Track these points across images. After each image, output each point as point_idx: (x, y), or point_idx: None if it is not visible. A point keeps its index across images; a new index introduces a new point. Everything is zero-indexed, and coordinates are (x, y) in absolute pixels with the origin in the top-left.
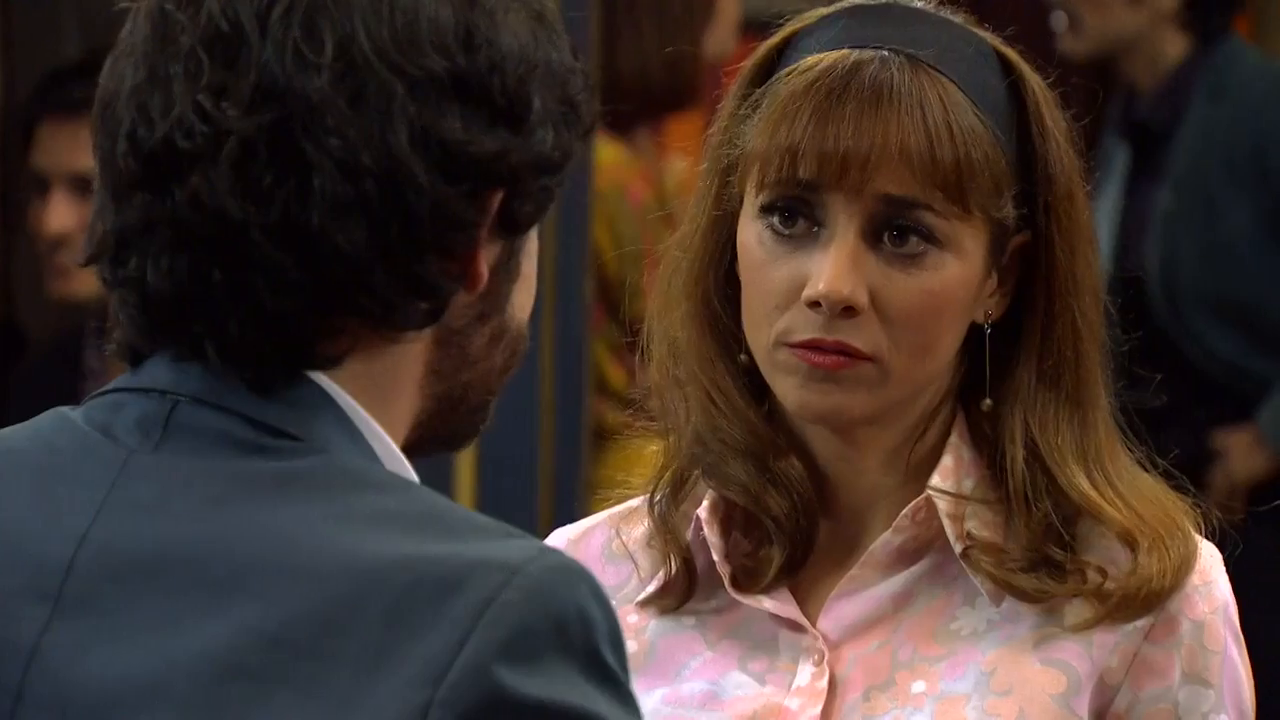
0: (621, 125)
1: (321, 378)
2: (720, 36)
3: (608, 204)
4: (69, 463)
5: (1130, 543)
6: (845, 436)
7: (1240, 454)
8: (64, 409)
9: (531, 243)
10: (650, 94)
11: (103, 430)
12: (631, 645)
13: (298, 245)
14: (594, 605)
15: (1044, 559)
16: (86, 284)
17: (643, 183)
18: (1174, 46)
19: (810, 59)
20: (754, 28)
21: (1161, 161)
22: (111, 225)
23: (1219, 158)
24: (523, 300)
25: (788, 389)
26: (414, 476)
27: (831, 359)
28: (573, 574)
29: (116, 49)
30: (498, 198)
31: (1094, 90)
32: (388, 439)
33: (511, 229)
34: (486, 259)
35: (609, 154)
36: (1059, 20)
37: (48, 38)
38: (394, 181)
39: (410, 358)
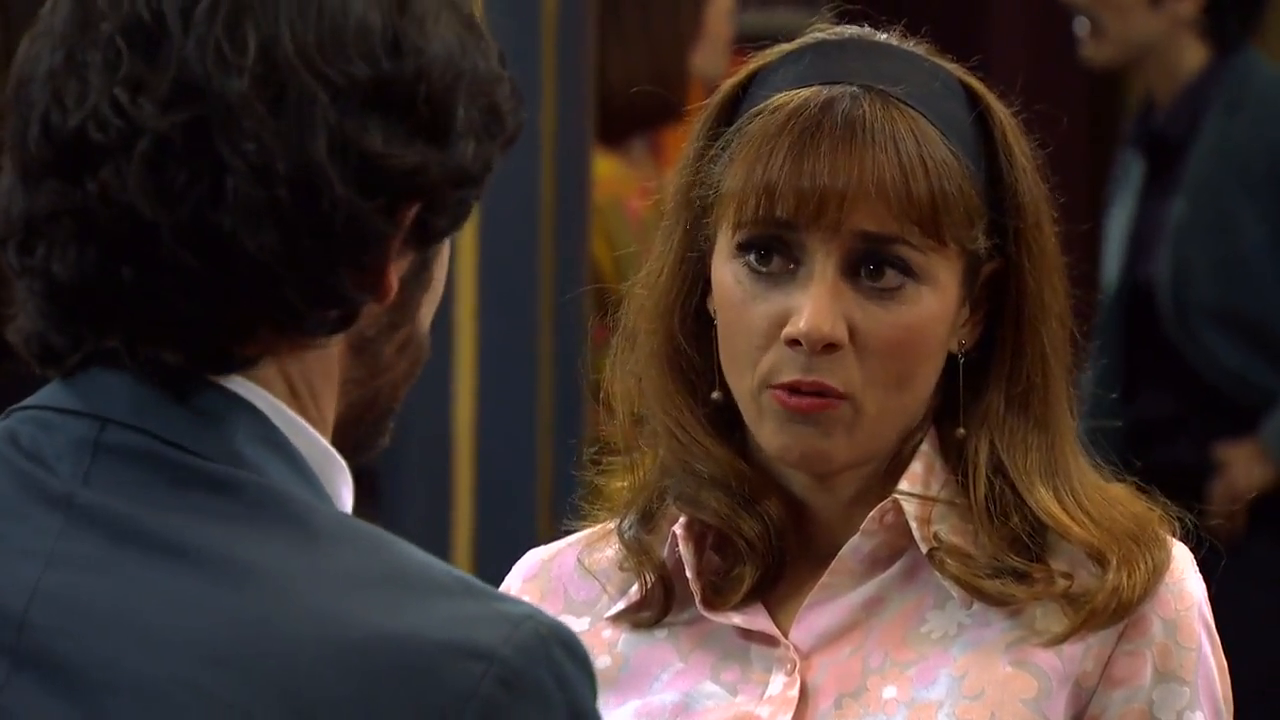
0: (616, 137)
1: (244, 385)
2: (710, 52)
3: (605, 218)
4: (11, 500)
5: (1100, 560)
6: (822, 478)
7: (1242, 466)
8: None
9: (444, 251)
10: (639, 107)
11: (34, 456)
12: (605, 659)
13: (207, 247)
14: (571, 666)
15: (1009, 569)
16: None
17: (640, 196)
18: (1192, 56)
19: (780, 97)
20: (746, 43)
21: (1177, 172)
22: (20, 209)
23: (1234, 170)
24: (430, 309)
25: (768, 434)
26: (349, 479)
27: (809, 401)
28: (545, 644)
29: (35, 29)
30: (412, 210)
31: (1057, 117)
32: (323, 443)
33: (424, 241)
34: (397, 270)
35: (605, 167)
36: (1081, 26)
37: None
38: (308, 190)
39: (328, 363)
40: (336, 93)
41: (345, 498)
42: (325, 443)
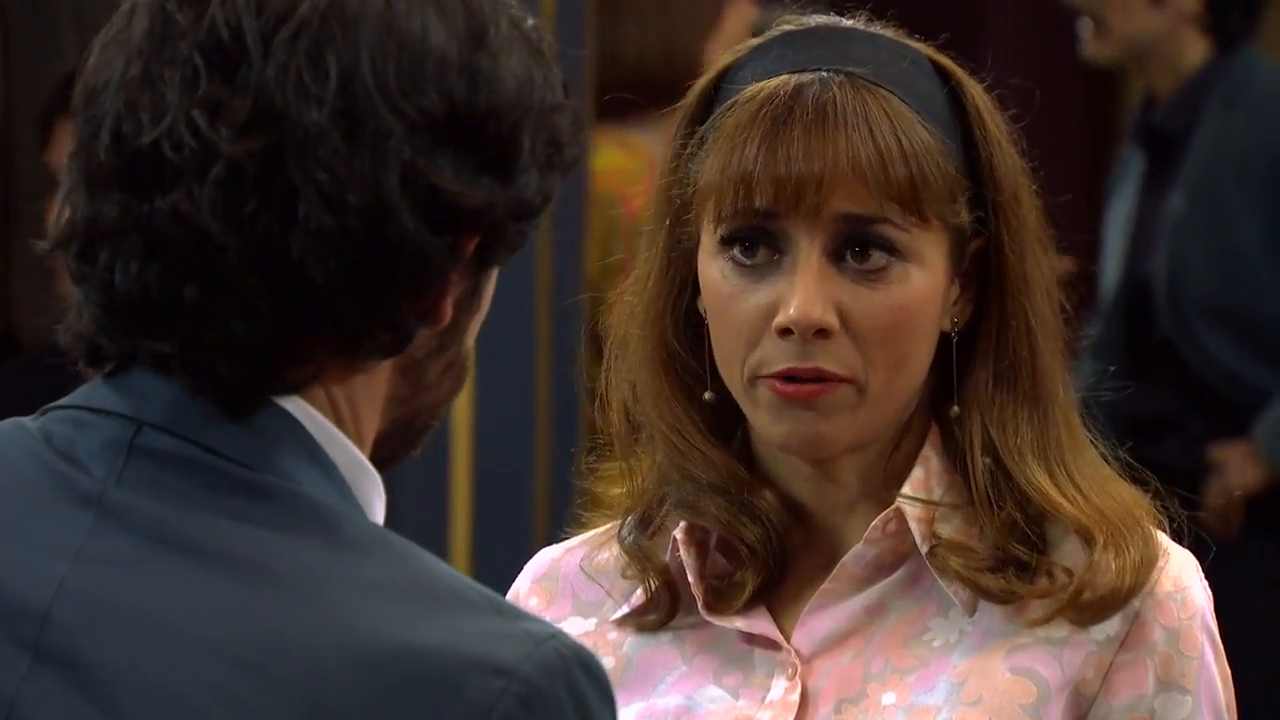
0: (633, 116)
1: (289, 401)
2: (731, 37)
3: (604, 213)
4: (42, 496)
5: (1087, 538)
6: (822, 465)
7: (1237, 467)
8: (23, 420)
9: (494, 275)
10: (647, 85)
11: (67, 455)
12: (609, 660)
13: (273, 272)
14: (590, 689)
15: (1011, 559)
16: None
17: (642, 193)
18: (1194, 52)
19: (751, 89)
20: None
21: (1175, 168)
22: (83, 215)
23: (1232, 165)
24: (475, 328)
25: (767, 423)
26: (381, 493)
27: (806, 388)
28: (566, 664)
29: (106, 34)
30: (474, 242)
31: (1032, 91)
32: (358, 455)
33: (480, 268)
34: (452, 296)
35: (614, 159)
36: (1084, 25)
37: (44, 44)
38: (378, 222)
39: (375, 384)
40: (411, 127)
41: (377, 509)
42: (360, 454)
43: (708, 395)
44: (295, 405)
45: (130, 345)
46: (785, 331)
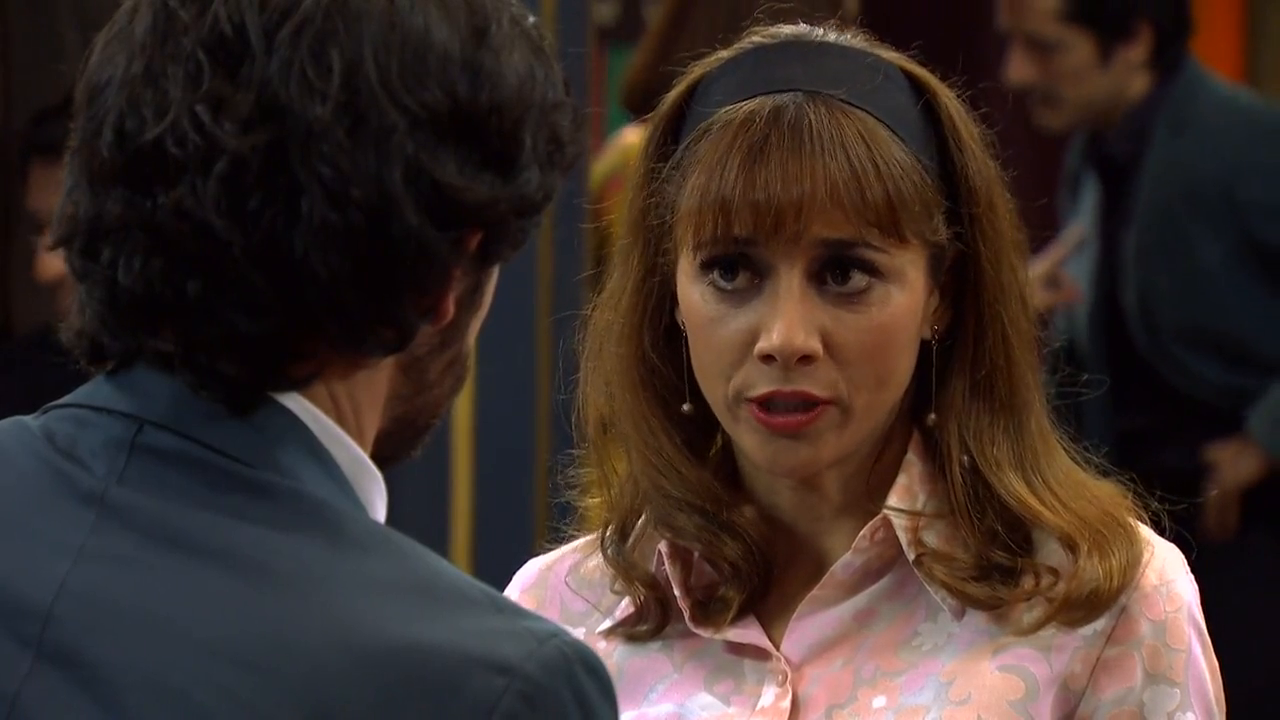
0: None
1: (290, 398)
2: None
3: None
4: (44, 495)
5: (1071, 545)
6: (805, 480)
7: (1231, 462)
8: (25, 419)
9: (495, 272)
10: None
11: (68, 453)
12: None
13: (277, 268)
14: (593, 688)
15: (994, 566)
16: None
17: None
18: (1139, 86)
19: (726, 112)
20: None
21: (1131, 197)
22: (85, 212)
23: (1184, 190)
24: (476, 327)
25: (752, 446)
26: (383, 491)
27: (792, 419)
28: (568, 663)
29: (109, 32)
30: (476, 238)
31: (1004, 95)
32: (360, 453)
33: (482, 265)
34: (454, 293)
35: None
36: (1034, 98)
37: (46, 43)
38: (381, 217)
39: (376, 380)
40: (415, 122)
41: (379, 507)
42: (361, 452)
43: (686, 407)
44: (297, 403)
45: (132, 342)
46: (768, 358)
